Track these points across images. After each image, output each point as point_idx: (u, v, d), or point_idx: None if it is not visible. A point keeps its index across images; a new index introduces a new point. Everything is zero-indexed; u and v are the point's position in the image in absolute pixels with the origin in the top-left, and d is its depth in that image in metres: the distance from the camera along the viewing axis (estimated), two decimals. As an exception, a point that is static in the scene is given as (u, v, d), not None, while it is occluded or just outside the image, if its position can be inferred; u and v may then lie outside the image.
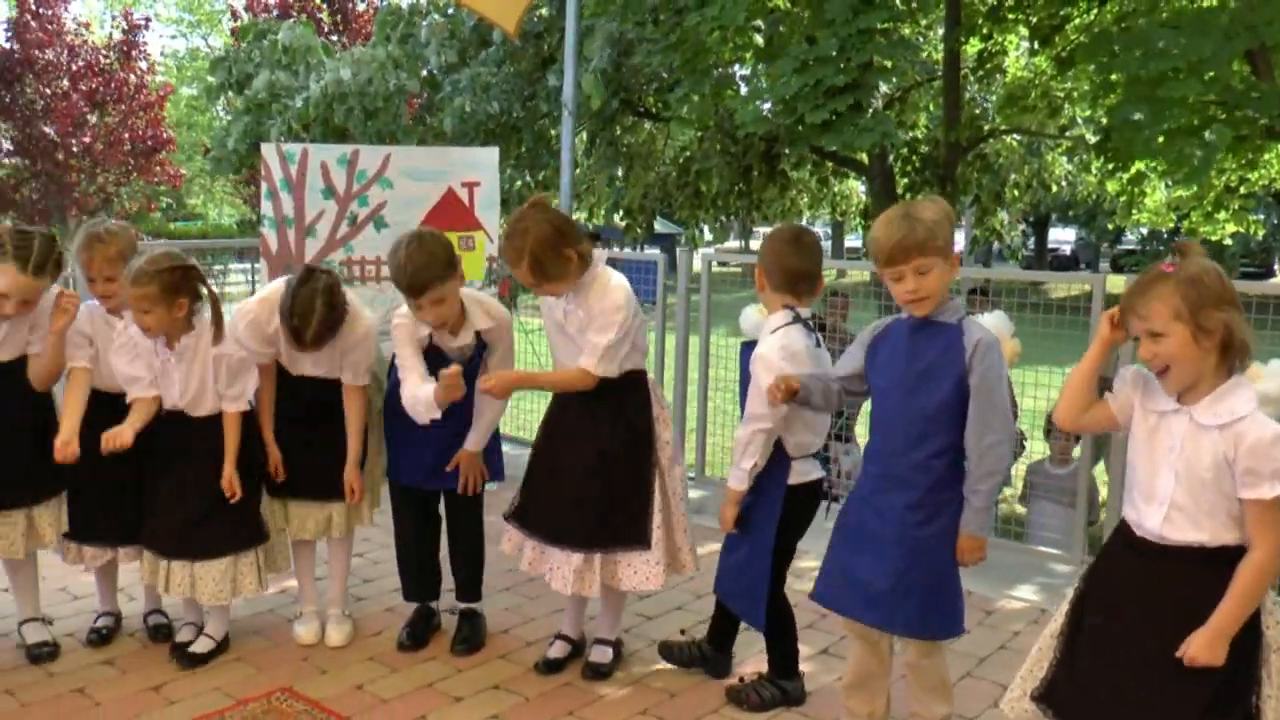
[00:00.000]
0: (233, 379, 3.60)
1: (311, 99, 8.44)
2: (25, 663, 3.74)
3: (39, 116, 18.73)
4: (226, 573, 3.62)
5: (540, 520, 3.60)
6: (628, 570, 3.53)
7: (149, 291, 3.38)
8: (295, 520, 3.87)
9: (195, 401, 3.60)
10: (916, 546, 2.86)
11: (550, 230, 3.31)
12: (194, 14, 32.12)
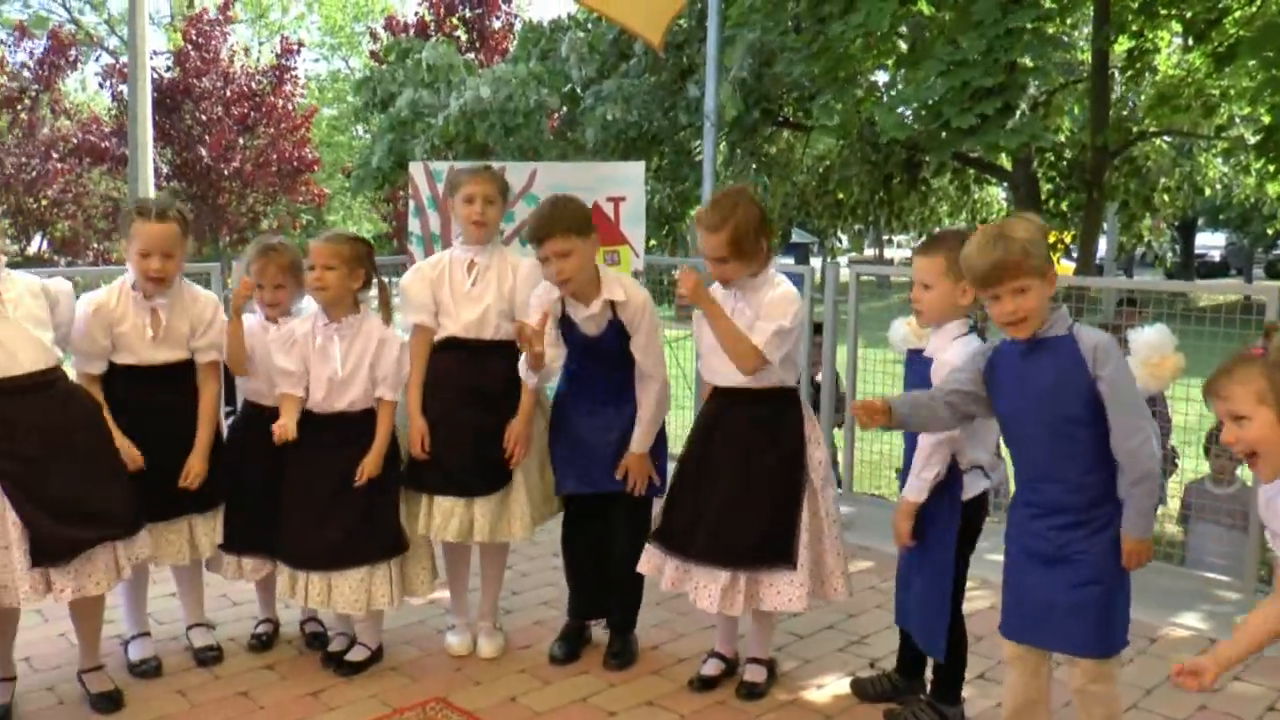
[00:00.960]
0: (392, 365, 3.69)
1: (453, 116, 8.58)
2: (193, 665, 3.87)
3: (195, 141, 19.57)
4: (362, 583, 3.66)
5: (686, 538, 3.53)
6: (770, 590, 3.46)
7: (340, 249, 3.60)
8: (439, 517, 3.80)
9: (344, 386, 3.66)
10: (1084, 562, 2.74)
11: (757, 212, 3.37)
12: (335, 37, 33.17)
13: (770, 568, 3.44)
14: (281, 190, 20.47)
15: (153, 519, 3.63)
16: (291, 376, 3.69)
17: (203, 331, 3.73)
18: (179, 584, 4.03)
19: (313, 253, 3.62)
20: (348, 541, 3.63)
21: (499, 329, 3.80)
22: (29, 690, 3.64)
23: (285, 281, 3.78)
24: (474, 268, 3.83)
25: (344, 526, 3.63)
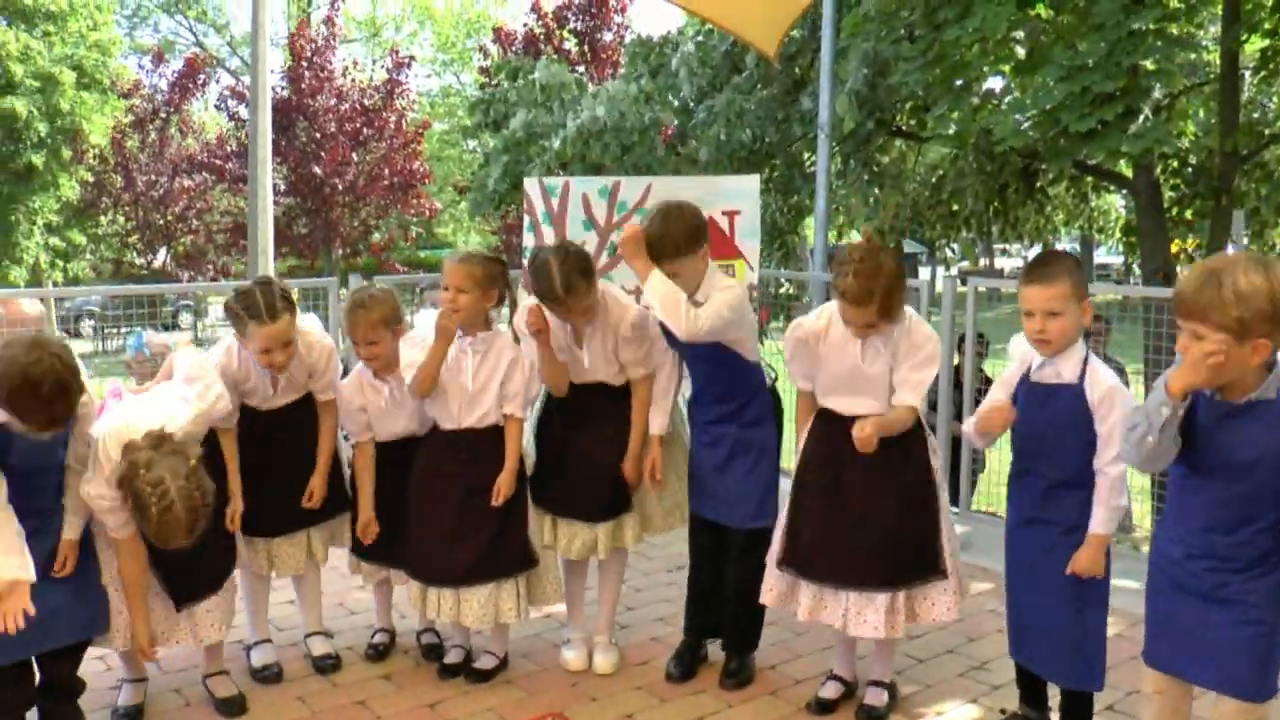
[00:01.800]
0: (523, 383, 3.70)
1: (568, 138, 8.62)
2: (312, 672, 3.95)
3: (310, 158, 20.10)
4: (490, 598, 3.69)
5: (834, 564, 3.44)
6: (925, 604, 3.43)
7: (473, 271, 3.61)
8: (564, 537, 3.87)
9: (474, 401, 3.69)
10: (1247, 603, 2.59)
11: (894, 265, 3.23)
12: (447, 53, 33.77)
13: (925, 580, 3.42)
14: (393, 204, 20.88)
15: (273, 534, 3.81)
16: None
17: (319, 377, 3.82)
18: (298, 593, 4.12)
19: (446, 274, 3.62)
20: (480, 559, 3.66)
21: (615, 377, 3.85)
22: (158, 692, 3.76)
23: (379, 337, 3.76)
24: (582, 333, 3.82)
25: (477, 545, 3.66)
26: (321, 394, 3.85)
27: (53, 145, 22.17)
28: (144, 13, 33.40)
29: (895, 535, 3.38)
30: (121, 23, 28.69)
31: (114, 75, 23.31)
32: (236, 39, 33.84)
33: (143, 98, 22.08)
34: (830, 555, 3.44)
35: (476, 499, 3.67)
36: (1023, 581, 3.28)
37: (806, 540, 3.50)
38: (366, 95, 21.22)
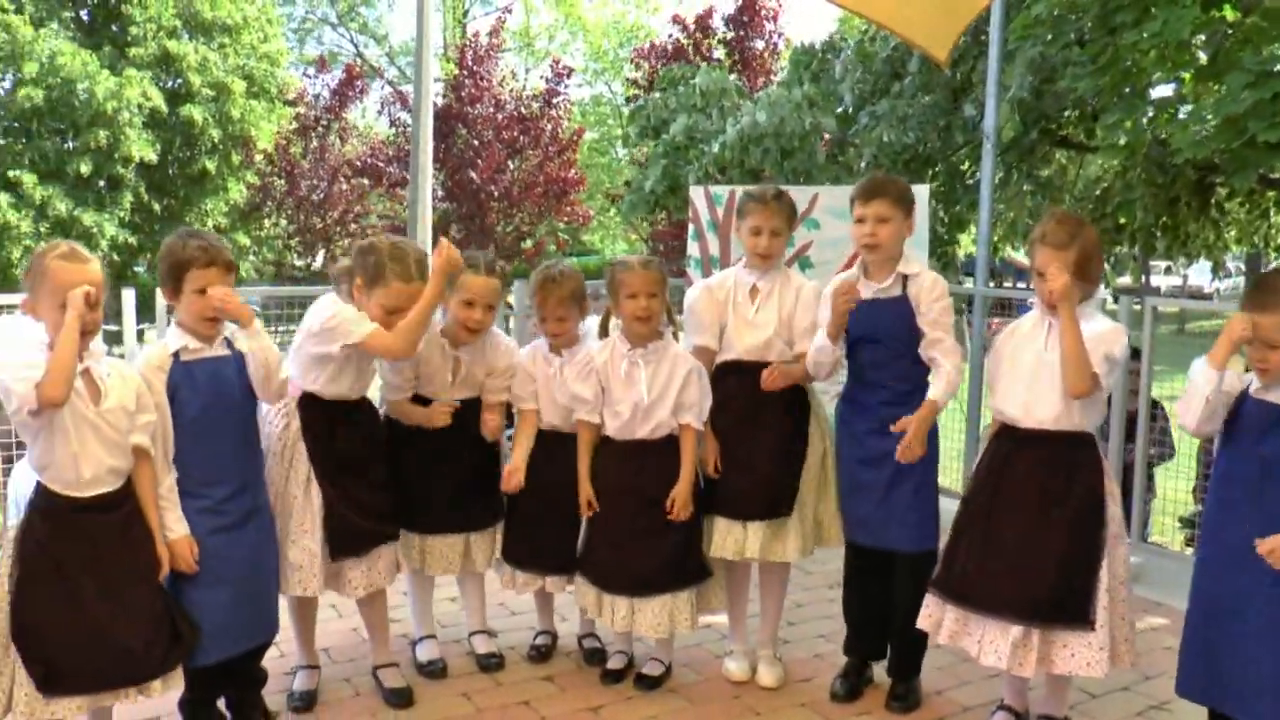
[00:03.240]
0: (699, 393, 3.68)
1: (728, 142, 8.59)
2: (476, 670, 4.00)
3: (467, 164, 20.56)
4: (664, 608, 3.67)
5: (969, 588, 3.33)
6: (1063, 653, 3.22)
7: (657, 276, 3.65)
8: (717, 535, 3.80)
9: (650, 411, 3.67)
10: None
11: (1096, 236, 3.23)
12: (599, 62, 34.14)
13: (1066, 626, 3.21)
14: (547, 210, 21.20)
15: (430, 531, 3.85)
16: (585, 404, 3.75)
17: (497, 376, 3.87)
18: (462, 591, 4.18)
19: (633, 281, 3.62)
20: (658, 571, 3.66)
21: (781, 353, 3.76)
22: (329, 680, 3.86)
23: (567, 313, 3.81)
24: (757, 294, 3.79)
25: (655, 556, 3.66)
26: (494, 394, 3.88)
27: (224, 151, 23.19)
28: (309, 25, 34.73)
29: (1034, 569, 3.20)
30: (289, 35, 29.85)
31: (281, 85, 24.25)
32: (394, 49, 34.90)
33: (306, 105, 22.91)
34: (969, 578, 3.32)
35: (655, 509, 3.65)
36: (1225, 617, 3.06)
37: (959, 563, 3.37)
38: (523, 104, 21.61)
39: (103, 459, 2.90)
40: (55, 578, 2.86)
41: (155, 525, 3.06)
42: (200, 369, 3.17)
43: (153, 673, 2.99)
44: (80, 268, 2.87)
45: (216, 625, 3.16)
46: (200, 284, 3.14)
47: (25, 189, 20.36)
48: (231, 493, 3.23)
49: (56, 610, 2.86)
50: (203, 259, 3.14)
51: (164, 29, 22.04)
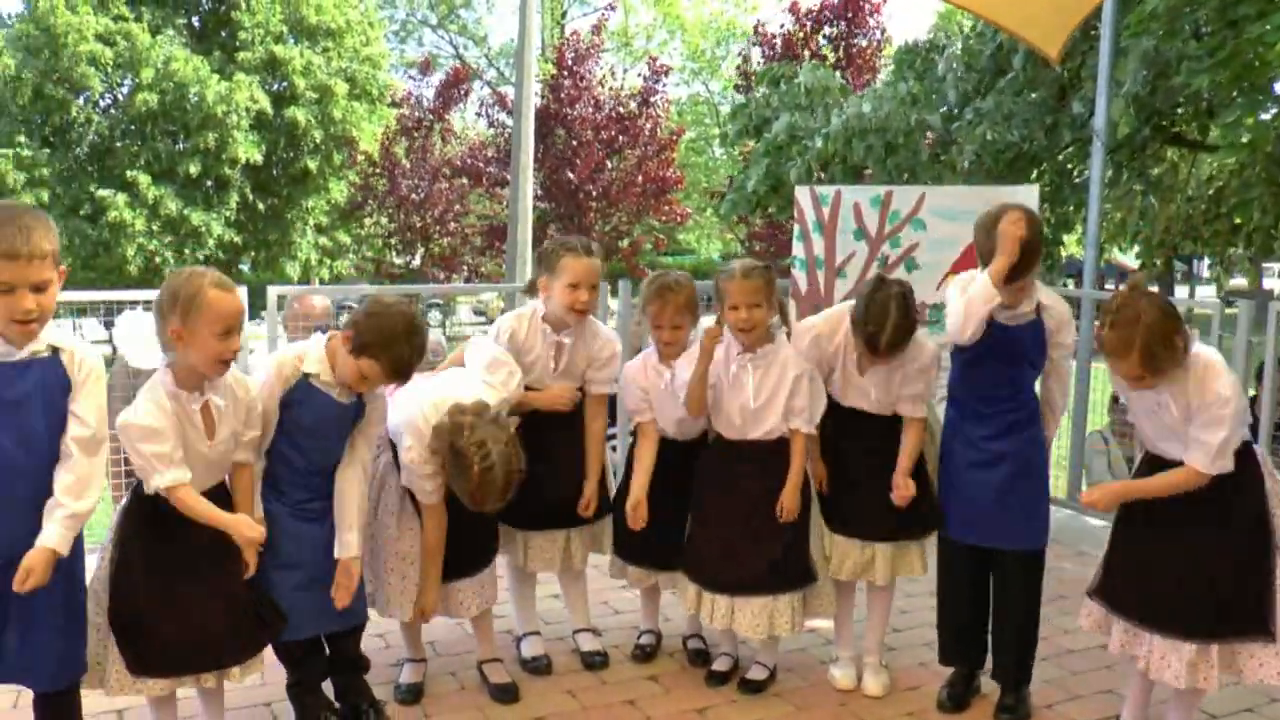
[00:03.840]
0: (809, 398, 3.63)
1: (832, 134, 8.49)
2: (580, 668, 4.01)
3: (565, 164, 20.69)
4: (766, 608, 3.64)
5: (1133, 602, 3.24)
6: (1251, 663, 3.12)
7: (759, 284, 3.57)
8: (836, 556, 3.79)
9: (758, 416, 3.63)
10: None
11: (1161, 316, 2.96)
12: (696, 61, 34.13)
13: (1246, 639, 3.11)
14: (645, 210, 21.23)
15: (531, 527, 3.87)
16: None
17: (599, 367, 3.87)
18: (564, 589, 4.18)
19: (734, 292, 3.56)
20: (761, 572, 3.63)
21: (888, 408, 3.72)
22: (435, 674, 3.90)
23: (683, 321, 3.79)
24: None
25: (758, 557, 3.62)
26: (598, 385, 3.88)
27: (325, 151, 23.74)
28: (410, 28, 35.34)
29: (1206, 583, 3.09)
30: (390, 38, 30.37)
31: (382, 86, 24.70)
32: (493, 51, 35.32)
33: (410, 106, 23.28)
34: (1138, 591, 3.22)
35: (762, 511, 3.63)
36: None
37: (1121, 572, 3.29)
38: (622, 103, 21.64)
39: (204, 481, 3.00)
40: (148, 564, 2.96)
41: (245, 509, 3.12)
42: (322, 399, 3.22)
43: (235, 658, 3.08)
44: (235, 297, 2.94)
45: (292, 605, 3.22)
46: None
47: (140, 189, 21.05)
48: (310, 498, 3.29)
49: (148, 595, 2.95)
50: None
51: (271, 34, 22.63)
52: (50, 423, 2.69)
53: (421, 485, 3.40)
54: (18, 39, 21.49)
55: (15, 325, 2.60)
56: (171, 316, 2.85)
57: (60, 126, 22.17)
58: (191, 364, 2.90)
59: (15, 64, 21.21)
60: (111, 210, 20.72)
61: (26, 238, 2.55)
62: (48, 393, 2.69)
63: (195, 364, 2.90)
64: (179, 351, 2.90)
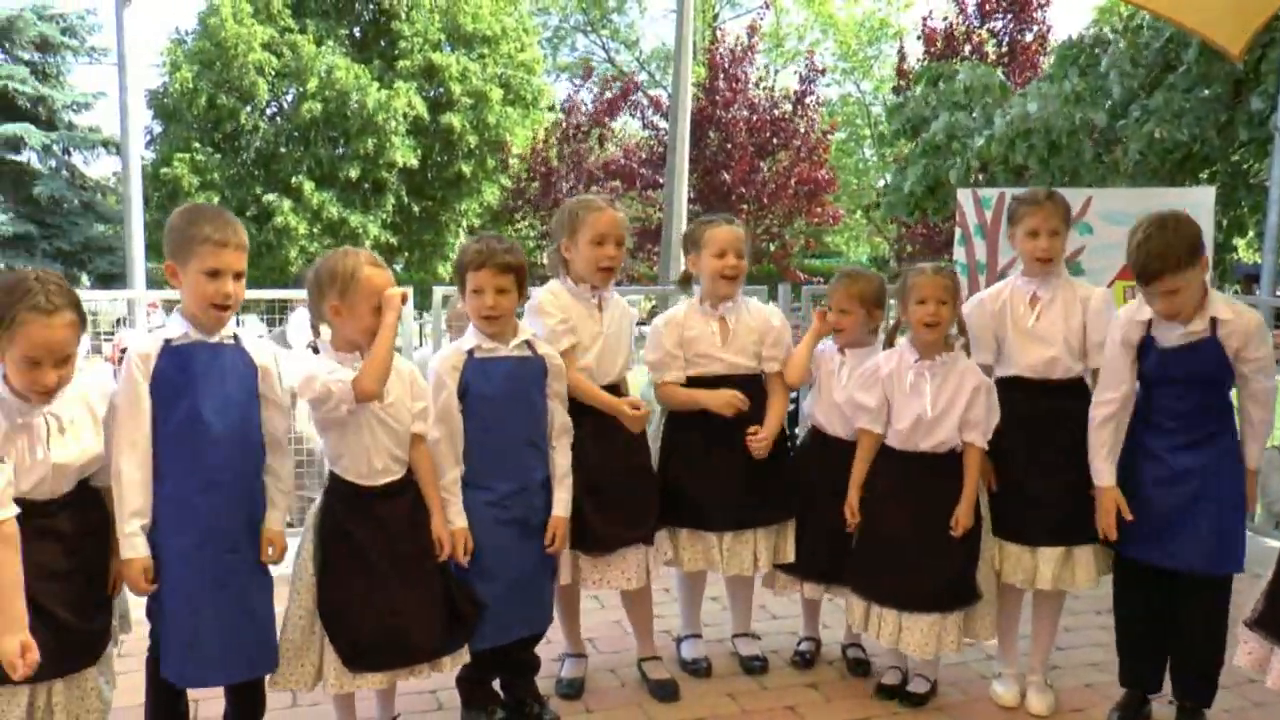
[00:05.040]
0: (986, 411, 3.57)
1: (995, 136, 8.28)
2: (739, 671, 4.03)
3: (719, 166, 20.68)
4: (933, 627, 3.59)
5: None
6: None
7: (949, 283, 3.57)
8: (1008, 564, 3.70)
9: (931, 427, 3.59)
10: None
11: None
12: (848, 61, 33.71)
13: None
14: (797, 212, 21.07)
15: (723, 528, 3.83)
16: (869, 413, 3.71)
17: (773, 342, 3.85)
18: (730, 593, 4.20)
19: (923, 286, 3.56)
20: (931, 590, 3.58)
21: (1068, 370, 3.60)
22: (595, 670, 3.97)
23: (850, 307, 3.80)
24: (1037, 303, 3.64)
25: (929, 574, 3.58)
26: (772, 362, 3.85)
27: (479, 156, 24.28)
28: (563, 34, 35.86)
29: None
30: (543, 44, 30.85)
31: (536, 91, 25.13)
32: (645, 55, 35.57)
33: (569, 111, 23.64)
34: None
35: (932, 526, 3.57)
36: None
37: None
38: (776, 105, 21.50)
39: (389, 449, 3.12)
40: (353, 560, 3.08)
41: (436, 507, 3.24)
42: (495, 366, 3.34)
43: (442, 649, 3.19)
44: (388, 275, 3.12)
45: (488, 615, 3.31)
46: (476, 285, 3.33)
47: (304, 193, 21.92)
48: (515, 489, 3.37)
49: (356, 591, 3.07)
50: (477, 261, 3.33)
51: (428, 42, 23.27)
52: (243, 402, 2.96)
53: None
54: (195, 54, 22.61)
55: (213, 310, 2.89)
56: (330, 292, 3.06)
57: (230, 133, 23.26)
58: (347, 337, 3.09)
59: (192, 76, 22.32)
60: (277, 215, 21.63)
61: (234, 230, 2.89)
62: (243, 376, 2.97)
63: (350, 336, 3.09)
64: (336, 326, 3.10)
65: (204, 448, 2.87)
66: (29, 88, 21.86)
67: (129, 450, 2.82)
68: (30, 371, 2.58)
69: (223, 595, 2.91)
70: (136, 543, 2.83)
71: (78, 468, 2.75)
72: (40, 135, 22.05)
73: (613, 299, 3.74)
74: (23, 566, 2.60)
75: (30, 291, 2.57)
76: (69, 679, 2.76)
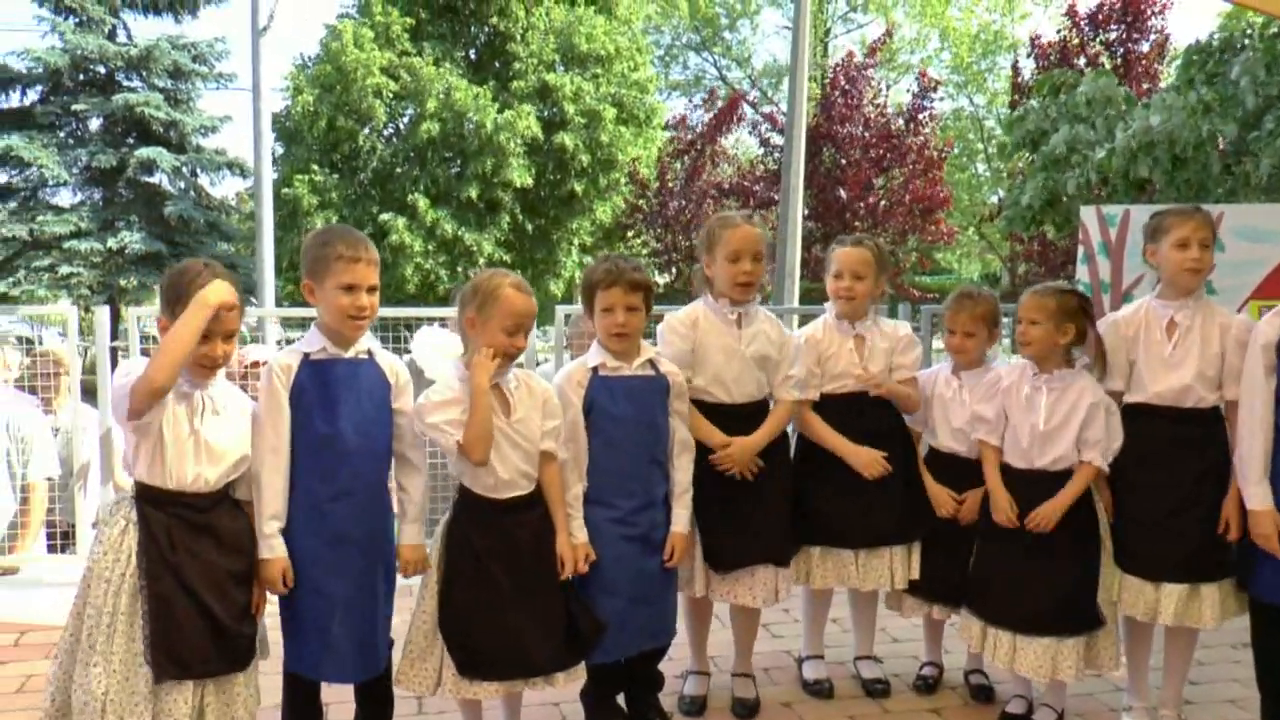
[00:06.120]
0: (1104, 429, 3.52)
1: (1117, 149, 8.03)
2: (861, 694, 4.02)
3: (834, 183, 20.48)
4: (1048, 650, 3.53)
5: None
6: None
7: (1045, 303, 3.56)
8: (1128, 595, 3.61)
9: (1048, 440, 3.55)
10: None
11: None
12: (962, 74, 33.12)
13: None
14: (911, 229, 20.79)
15: (858, 545, 3.83)
16: (987, 424, 3.70)
17: (904, 350, 3.88)
18: (855, 615, 4.19)
19: (1020, 306, 3.61)
20: (1046, 611, 3.52)
21: (1200, 400, 3.51)
22: (716, 688, 3.96)
23: (975, 329, 3.83)
24: (1174, 329, 3.56)
25: (1045, 595, 3.53)
26: (905, 370, 3.87)
27: (592, 174, 24.50)
28: (675, 52, 36.00)
29: None
30: (654, 62, 31.01)
31: (649, 110, 25.25)
32: (757, 71, 35.52)
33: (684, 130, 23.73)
34: None
35: (1050, 546, 3.52)
36: None
37: None
38: (891, 120, 21.25)
39: (515, 464, 3.19)
40: (477, 572, 3.16)
41: (561, 525, 3.30)
42: (620, 384, 3.41)
43: (559, 664, 3.24)
44: (528, 300, 3.21)
45: (610, 628, 3.35)
46: (606, 303, 3.40)
47: (419, 212, 22.40)
48: (640, 506, 3.43)
49: (478, 602, 3.15)
50: (607, 279, 3.40)
51: (543, 63, 23.61)
52: (379, 417, 3.10)
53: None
54: (316, 78, 23.31)
55: (349, 322, 3.03)
56: (469, 306, 3.18)
57: (348, 155, 23.88)
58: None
59: (313, 99, 23.01)
60: (393, 233, 22.12)
61: (366, 246, 3.05)
62: (376, 390, 3.11)
63: None
64: (470, 339, 3.21)
65: (338, 459, 3.01)
66: (162, 113, 22.79)
67: (270, 456, 2.97)
68: (201, 345, 2.83)
69: (350, 597, 3.05)
70: (275, 544, 2.98)
71: (222, 456, 2.91)
72: (171, 158, 22.98)
73: (757, 315, 3.74)
74: (184, 561, 2.81)
75: (200, 273, 2.87)
76: (219, 681, 2.91)
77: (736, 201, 20.92)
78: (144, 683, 2.76)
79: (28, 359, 5.79)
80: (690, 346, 3.62)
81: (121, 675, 2.75)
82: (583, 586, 3.34)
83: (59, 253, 22.16)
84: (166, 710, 2.79)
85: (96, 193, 23.39)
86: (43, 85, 22.92)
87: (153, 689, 2.77)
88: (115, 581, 2.79)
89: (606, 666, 3.45)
